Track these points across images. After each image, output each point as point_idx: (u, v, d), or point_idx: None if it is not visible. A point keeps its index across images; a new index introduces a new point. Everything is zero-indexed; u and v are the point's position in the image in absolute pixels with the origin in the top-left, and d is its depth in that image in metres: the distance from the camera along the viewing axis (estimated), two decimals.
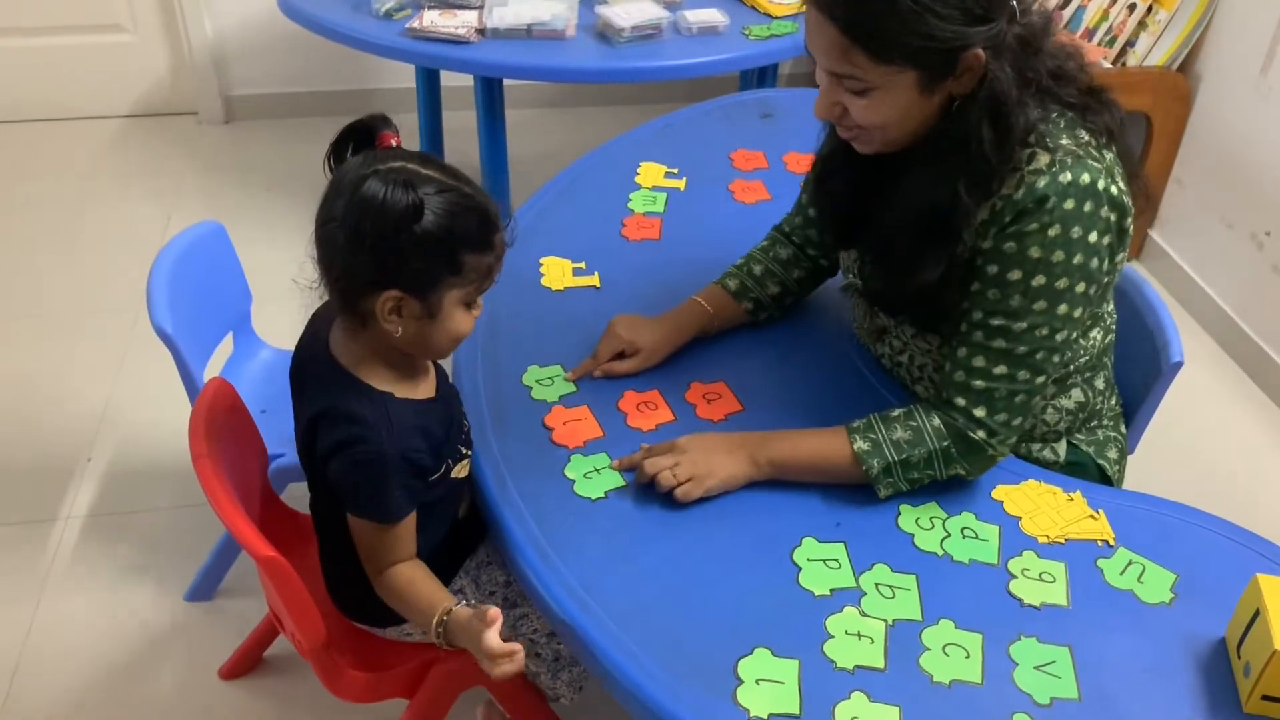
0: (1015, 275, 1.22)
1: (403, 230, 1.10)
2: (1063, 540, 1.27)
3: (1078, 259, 1.20)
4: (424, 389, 1.27)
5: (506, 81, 2.65)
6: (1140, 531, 1.28)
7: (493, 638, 1.11)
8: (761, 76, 2.81)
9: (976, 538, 1.26)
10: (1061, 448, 1.43)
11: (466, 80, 2.80)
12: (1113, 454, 1.47)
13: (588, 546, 1.23)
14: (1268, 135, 2.54)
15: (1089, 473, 1.44)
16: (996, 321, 1.25)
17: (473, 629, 1.13)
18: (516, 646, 1.12)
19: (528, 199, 1.86)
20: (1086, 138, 1.22)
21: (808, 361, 1.52)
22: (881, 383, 1.48)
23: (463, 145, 3.22)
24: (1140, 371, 1.56)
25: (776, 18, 2.59)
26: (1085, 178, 1.18)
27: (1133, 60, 2.76)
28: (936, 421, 1.28)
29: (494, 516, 1.27)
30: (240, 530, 1.20)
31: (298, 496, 1.59)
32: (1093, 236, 1.20)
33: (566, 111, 3.71)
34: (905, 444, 1.28)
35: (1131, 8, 2.78)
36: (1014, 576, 1.22)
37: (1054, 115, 1.23)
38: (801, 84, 3.73)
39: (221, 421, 1.37)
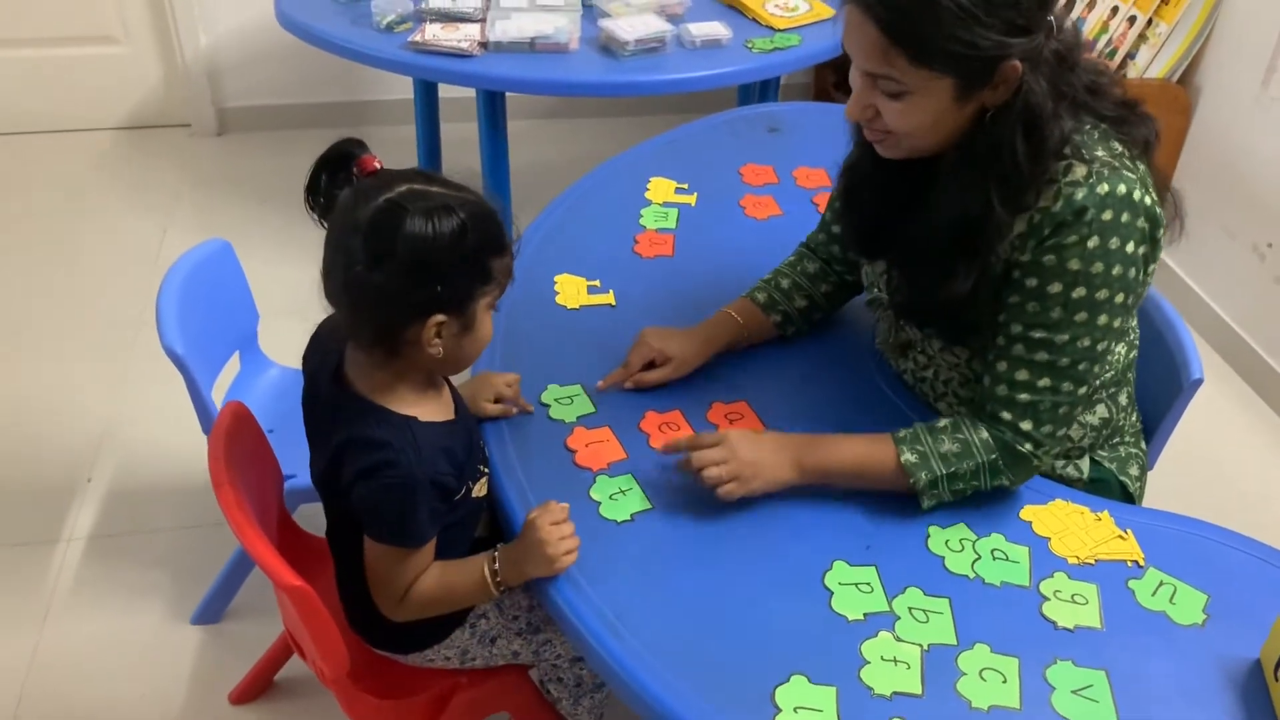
0: (1055, 288, 1.21)
1: (454, 254, 1.09)
2: (1093, 561, 1.26)
3: (1116, 270, 1.20)
4: (444, 410, 1.26)
5: (508, 94, 2.64)
6: (1169, 551, 1.28)
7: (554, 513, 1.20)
8: (763, 90, 2.81)
9: (1007, 559, 1.26)
10: (1085, 464, 1.43)
11: (463, 92, 2.79)
12: (1134, 470, 1.46)
13: (617, 571, 1.21)
14: (1268, 147, 2.55)
15: (1111, 489, 1.44)
16: (1038, 334, 1.24)
17: (526, 528, 1.19)
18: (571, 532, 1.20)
19: (534, 213, 1.85)
20: (1120, 149, 1.22)
21: (829, 381, 1.52)
22: (904, 400, 1.47)
23: (461, 157, 3.20)
24: (1159, 387, 1.56)
25: (779, 30, 2.59)
26: (1121, 188, 1.18)
27: (1133, 72, 2.77)
28: (985, 434, 1.28)
29: None
30: (266, 559, 1.18)
31: (307, 516, 1.57)
32: (1130, 247, 1.20)
33: (566, 122, 3.70)
34: (953, 457, 1.27)
35: (1132, 20, 2.79)
36: (1046, 599, 1.21)
37: (1088, 127, 1.22)
38: (797, 96, 3.75)
39: (239, 446, 1.35)
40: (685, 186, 1.92)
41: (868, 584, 1.21)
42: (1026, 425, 1.27)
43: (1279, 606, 1.14)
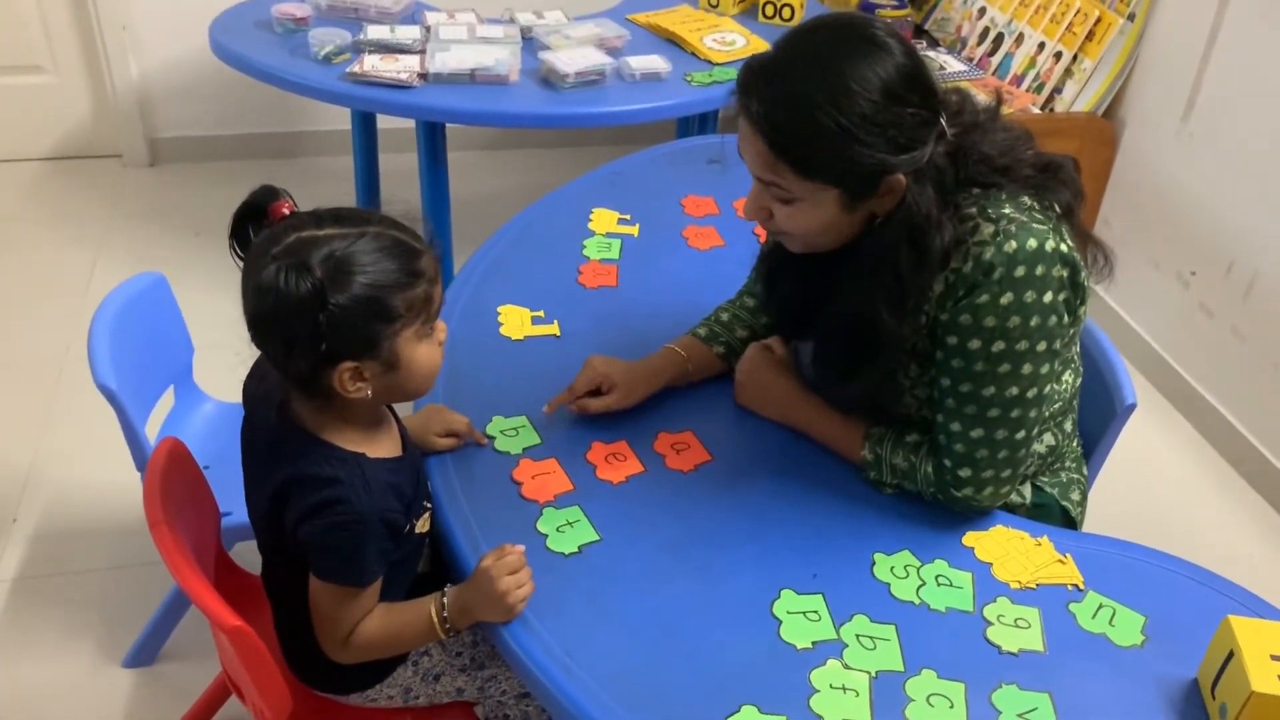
0: (974, 344, 1.25)
1: (315, 313, 1.06)
2: (1034, 585, 1.28)
3: (1034, 320, 1.23)
4: (392, 446, 1.24)
5: (448, 125, 2.63)
6: (1107, 574, 1.30)
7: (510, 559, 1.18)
8: (702, 122, 2.84)
9: (951, 585, 1.27)
10: (1027, 490, 1.45)
11: (403, 122, 2.78)
12: (1075, 495, 1.49)
13: (565, 605, 1.20)
14: (1189, 178, 2.64)
15: (1053, 514, 1.46)
16: (965, 388, 1.28)
17: (481, 577, 1.17)
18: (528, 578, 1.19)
19: (476, 245, 1.84)
20: (1030, 203, 1.26)
21: None
22: None
23: (400, 188, 3.19)
24: (1094, 413, 1.59)
25: (718, 64, 2.62)
26: (1031, 242, 1.21)
27: (1060, 106, 2.85)
28: (929, 469, 1.33)
29: (465, 578, 1.23)
30: (204, 600, 1.15)
31: (243, 554, 1.54)
32: (1047, 297, 1.23)
33: (506, 154, 3.70)
34: (901, 473, 1.36)
35: (1058, 56, 2.87)
36: (990, 623, 1.22)
37: (993, 191, 1.26)
38: (735, 129, 3.79)
39: (175, 484, 1.32)
40: (628, 218, 1.93)
41: (815, 612, 1.22)
42: (965, 473, 1.31)
43: (1214, 626, 1.16)
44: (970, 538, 1.34)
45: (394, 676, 1.34)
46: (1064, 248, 1.23)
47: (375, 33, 2.55)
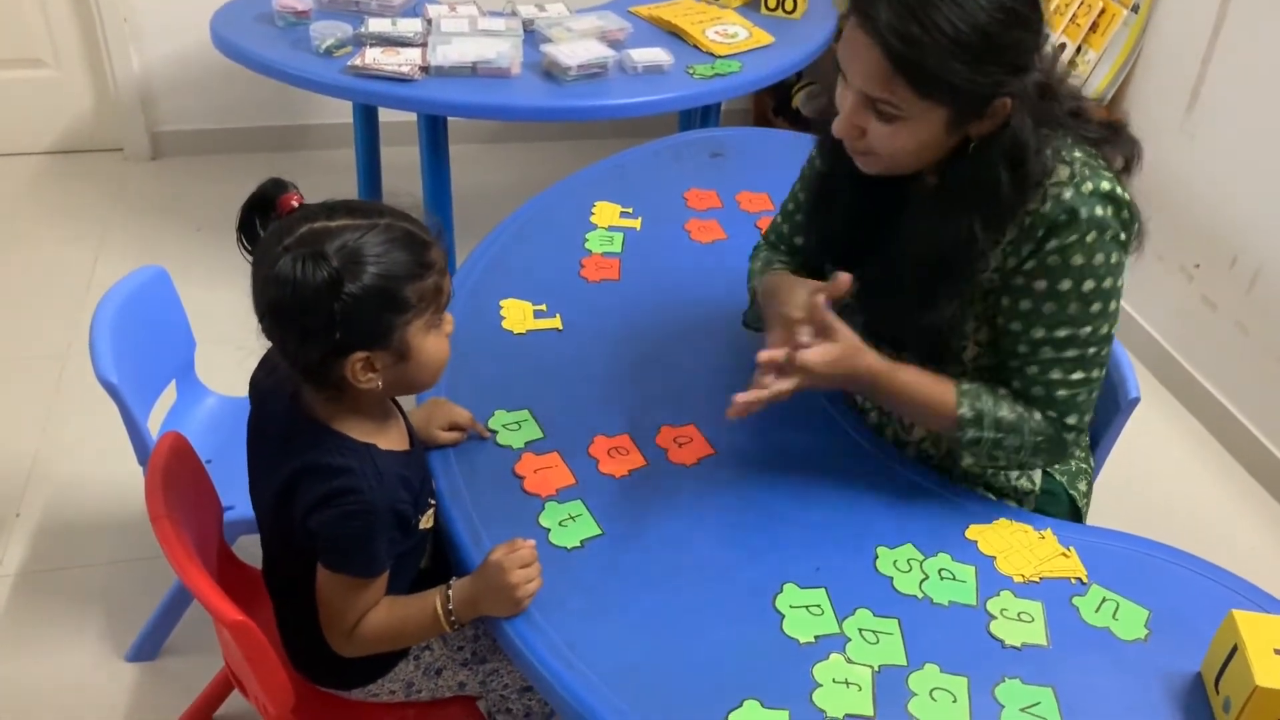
0: (1065, 285, 1.26)
1: (330, 302, 1.07)
2: (1037, 579, 1.28)
3: (1115, 258, 1.26)
4: (400, 439, 1.25)
5: (449, 118, 2.63)
6: (1111, 568, 1.30)
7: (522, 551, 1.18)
8: (704, 115, 2.83)
9: (954, 579, 1.27)
10: (1037, 476, 1.45)
11: (404, 116, 2.77)
12: (1082, 485, 1.49)
13: (568, 599, 1.20)
14: (1193, 171, 2.63)
15: (1060, 502, 1.46)
16: (1062, 333, 1.28)
17: (491, 569, 1.16)
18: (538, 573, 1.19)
19: (478, 238, 1.84)
20: (1090, 150, 1.27)
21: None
22: (849, 421, 1.49)
23: (403, 181, 3.19)
24: (1098, 406, 1.58)
25: (720, 57, 2.61)
26: (1105, 185, 1.24)
27: None
28: (1039, 418, 1.31)
29: (468, 571, 1.23)
30: (207, 594, 1.15)
31: (246, 548, 1.54)
32: (1120, 236, 1.26)
33: (507, 147, 3.69)
34: (1006, 426, 1.30)
35: (1062, 47, 2.86)
36: (994, 617, 1.22)
37: (1060, 132, 1.26)
38: (738, 122, 3.79)
39: (177, 478, 1.31)
40: (630, 211, 1.93)
41: (818, 606, 1.21)
42: (1071, 419, 1.31)
43: (1218, 620, 1.15)
44: (974, 531, 1.33)
45: (396, 671, 1.34)
46: (1125, 194, 1.26)
47: (376, 26, 2.55)
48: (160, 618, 1.85)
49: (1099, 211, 1.23)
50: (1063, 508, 1.45)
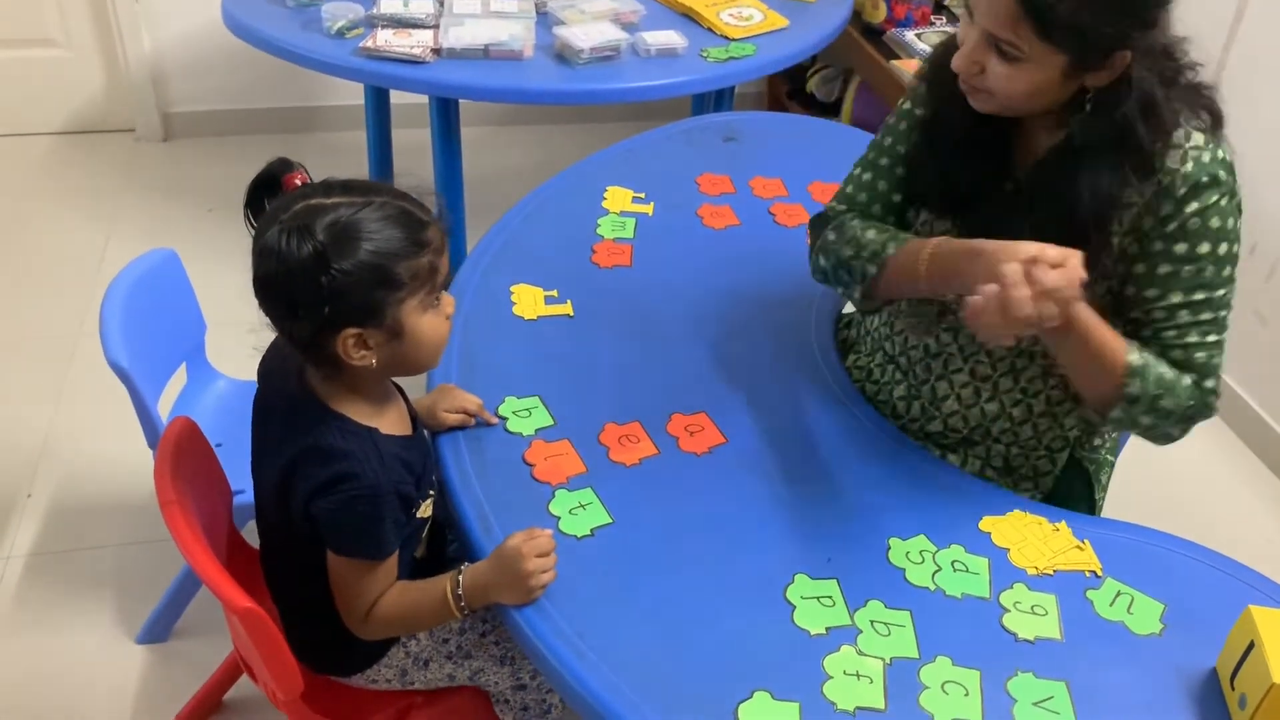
0: (1204, 248, 1.26)
1: (318, 276, 1.07)
2: (1051, 571, 1.27)
3: (1240, 224, 1.29)
4: (402, 424, 1.25)
5: (461, 101, 2.61)
6: (1126, 561, 1.29)
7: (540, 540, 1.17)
8: (718, 99, 2.81)
9: (967, 571, 1.26)
10: (1062, 458, 1.43)
11: (416, 98, 2.75)
12: (1104, 479, 1.48)
13: (578, 588, 1.19)
14: None
15: (1076, 491, 1.45)
16: (1199, 296, 1.28)
17: (508, 555, 1.16)
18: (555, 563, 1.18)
19: (489, 222, 1.82)
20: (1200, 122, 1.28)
21: (784, 388, 1.51)
22: (856, 404, 1.48)
23: (413, 163, 3.17)
24: None
25: (734, 40, 2.59)
26: (1227, 154, 1.27)
27: None
28: (1188, 382, 1.29)
29: (478, 559, 1.23)
30: (215, 580, 1.15)
31: (254, 532, 1.53)
32: (1240, 204, 1.28)
33: (519, 129, 3.68)
34: (1166, 384, 1.27)
35: None
36: (1007, 610, 1.21)
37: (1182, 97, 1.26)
38: (751, 105, 3.76)
39: (187, 462, 1.31)
40: (642, 196, 1.91)
41: (829, 597, 1.20)
42: (1210, 382, 1.30)
43: (1234, 615, 1.14)
44: (987, 523, 1.32)
45: (389, 656, 1.34)
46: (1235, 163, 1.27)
47: (388, 7, 2.52)
48: (170, 600, 1.86)
49: (1226, 177, 1.25)
50: (1080, 496, 1.43)
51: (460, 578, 1.21)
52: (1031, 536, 1.31)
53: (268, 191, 1.17)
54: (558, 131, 3.65)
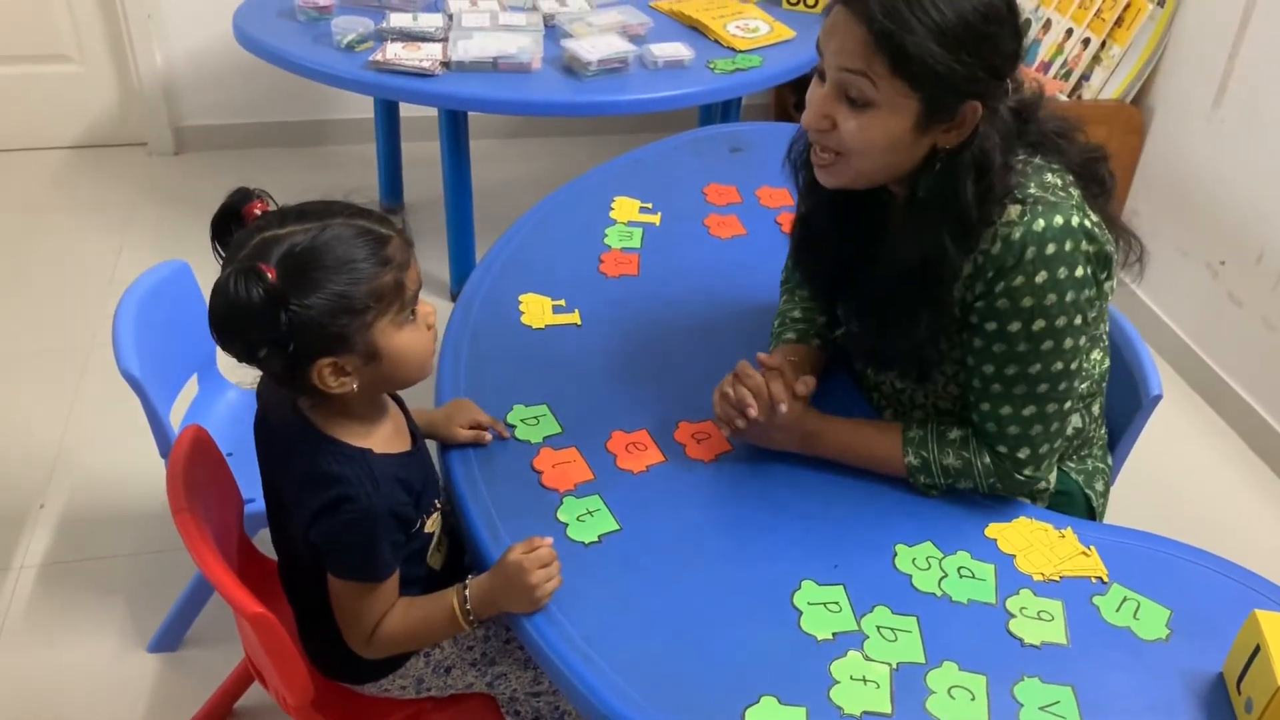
0: (1015, 326, 1.24)
1: (275, 314, 1.05)
2: (1057, 578, 1.27)
3: (1069, 296, 1.23)
4: (399, 441, 1.25)
5: (469, 113, 2.63)
6: (1132, 567, 1.29)
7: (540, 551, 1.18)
8: (725, 110, 2.82)
9: (973, 577, 1.26)
10: (1052, 476, 1.44)
11: (425, 111, 2.78)
12: (1099, 486, 1.48)
13: (586, 595, 1.20)
14: (1220, 166, 2.60)
15: (1075, 502, 1.45)
16: (1011, 370, 1.28)
17: (510, 569, 1.16)
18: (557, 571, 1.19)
19: (497, 233, 1.84)
20: (1054, 180, 1.25)
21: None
22: (861, 411, 1.48)
23: (423, 176, 3.20)
24: (1120, 404, 1.58)
25: (741, 52, 2.60)
26: (1058, 219, 1.21)
27: (1088, 94, 2.82)
28: (987, 460, 1.33)
29: (487, 566, 1.24)
30: (227, 586, 1.16)
31: (267, 541, 1.54)
32: (1078, 271, 1.23)
33: (528, 141, 3.70)
34: (954, 471, 1.34)
35: (1086, 42, 2.84)
36: (1013, 615, 1.21)
37: (1019, 165, 1.25)
38: (758, 116, 3.77)
39: (199, 471, 1.32)
40: (649, 206, 1.92)
41: (836, 603, 1.21)
42: (1023, 454, 1.32)
43: (1240, 620, 1.14)
44: (993, 529, 1.33)
45: (406, 667, 1.34)
46: (1087, 223, 1.23)
47: (398, 20, 2.55)
48: (181, 609, 1.87)
49: (1049, 250, 1.21)
50: (1078, 508, 1.44)
51: (466, 592, 1.21)
52: (1037, 543, 1.31)
53: (235, 222, 1.15)
54: (565, 143, 3.67)
